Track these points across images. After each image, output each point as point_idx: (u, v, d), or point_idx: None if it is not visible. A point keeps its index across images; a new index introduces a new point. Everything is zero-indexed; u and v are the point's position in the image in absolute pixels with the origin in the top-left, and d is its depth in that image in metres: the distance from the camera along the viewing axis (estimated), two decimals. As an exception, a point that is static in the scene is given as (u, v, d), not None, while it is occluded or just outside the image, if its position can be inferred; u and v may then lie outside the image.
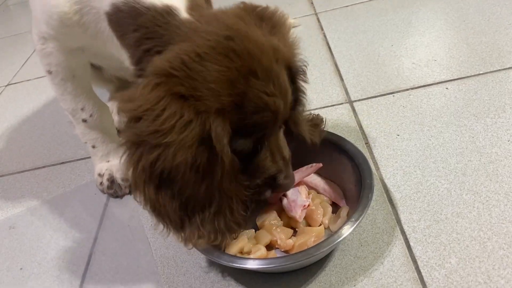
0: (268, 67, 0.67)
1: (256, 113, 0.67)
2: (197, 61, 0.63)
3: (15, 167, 1.29)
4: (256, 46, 0.67)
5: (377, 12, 1.58)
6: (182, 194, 0.68)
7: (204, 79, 0.63)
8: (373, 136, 1.06)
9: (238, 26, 0.68)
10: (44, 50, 0.95)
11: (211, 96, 0.63)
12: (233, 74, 0.64)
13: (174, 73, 0.63)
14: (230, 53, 0.65)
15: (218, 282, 0.83)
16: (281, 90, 0.69)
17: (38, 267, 0.96)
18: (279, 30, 0.74)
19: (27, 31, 2.24)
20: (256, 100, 0.66)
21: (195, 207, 0.70)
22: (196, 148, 0.64)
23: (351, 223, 0.75)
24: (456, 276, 0.74)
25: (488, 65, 1.19)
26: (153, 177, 0.65)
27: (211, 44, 0.65)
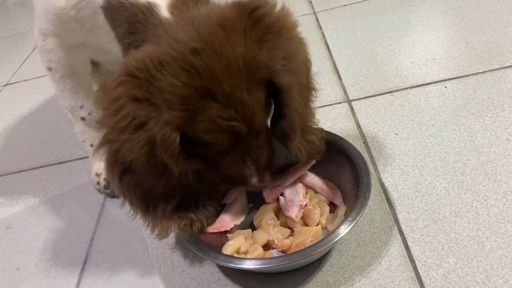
0: (230, 91, 0.65)
1: (209, 133, 0.67)
2: (158, 69, 0.63)
3: (13, 166, 1.29)
4: (223, 66, 0.64)
5: (375, 11, 1.57)
6: (143, 184, 0.70)
7: (160, 88, 0.64)
8: (371, 135, 1.05)
9: (213, 37, 0.65)
10: (44, 47, 0.95)
11: (164, 105, 0.64)
12: (187, 92, 0.64)
13: (136, 75, 0.64)
14: (191, 69, 0.63)
15: (215, 282, 0.82)
16: (244, 115, 0.67)
17: (35, 267, 0.96)
18: (273, 37, 0.69)
19: (26, 31, 2.23)
20: (208, 122, 0.66)
21: (158, 196, 0.72)
22: (148, 149, 0.65)
23: (348, 222, 0.74)
24: (454, 276, 0.74)
25: (487, 63, 1.18)
26: (117, 163, 0.69)
27: (175, 55, 0.64)
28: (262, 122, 0.72)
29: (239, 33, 0.66)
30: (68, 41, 0.94)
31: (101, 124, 0.67)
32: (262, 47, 0.67)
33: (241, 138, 0.70)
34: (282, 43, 0.69)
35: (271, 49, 0.68)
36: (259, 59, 0.67)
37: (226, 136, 0.68)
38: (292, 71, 0.71)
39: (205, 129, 0.66)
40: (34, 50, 1.97)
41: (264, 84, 0.69)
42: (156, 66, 0.63)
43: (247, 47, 0.66)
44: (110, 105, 0.65)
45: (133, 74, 0.64)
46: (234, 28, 0.66)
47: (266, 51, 0.67)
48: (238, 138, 0.69)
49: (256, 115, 0.69)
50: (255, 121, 0.69)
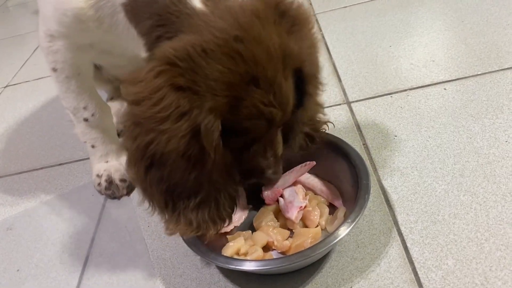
0: (271, 77, 0.67)
1: (250, 119, 0.68)
2: (202, 56, 0.63)
3: (13, 168, 1.29)
4: (265, 52, 0.66)
5: (375, 12, 1.58)
6: (170, 179, 0.69)
7: (205, 75, 0.64)
8: (371, 137, 1.06)
9: (251, 26, 0.66)
10: (51, 48, 0.95)
11: (208, 93, 0.64)
12: (233, 78, 0.64)
13: (177, 63, 0.63)
14: (235, 56, 0.64)
15: (215, 284, 0.83)
16: (281, 101, 0.69)
17: (36, 268, 0.96)
18: (299, 28, 0.72)
19: (27, 32, 2.24)
20: (251, 107, 0.67)
21: (181, 193, 0.71)
22: (189, 139, 0.64)
23: (347, 224, 0.75)
24: (453, 278, 0.74)
25: (486, 65, 1.18)
26: (145, 157, 0.67)
27: (219, 42, 0.64)
28: (291, 109, 0.74)
29: (271, 24, 0.68)
30: (78, 42, 0.94)
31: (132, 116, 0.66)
32: (291, 38, 0.70)
33: (274, 125, 0.72)
34: (305, 34, 0.73)
35: (298, 39, 0.71)
36: (292, 48, 0.69)
37: (264, 122, 0.69)
38: (314, 62, 0.76)
39: (248, 115, 0.67)
40: (35, 52, 1.98)
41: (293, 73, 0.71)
42: (200, 53, 0.63)
43: (280, 36, 0.68)
44: (151, 95, 0.64)
45: (174, 62, 0.63)
46: (267, 19, 0.68)
47: (294, 41, 0.70)
48: (271, 124, 0.71)
49: (289, 102, 0.71)
50: (287, 108, 0.72)
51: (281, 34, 0.68)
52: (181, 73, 0.63)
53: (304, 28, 0.73)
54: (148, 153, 0.67)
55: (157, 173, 0.69)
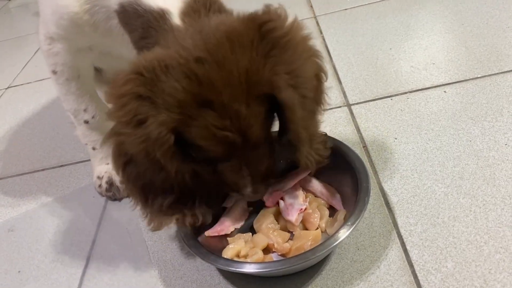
0: (227, 103, 0.66)
1: (204, 139, 0.69)
2: (164, 71, 0.66)
3: (14, 169, 1.30)
4: (224, 77, 0.66)
5: (376, 15, 1.58)
6: (144, 177, 0.73)
7: (162, 89, 0.66)
8: (371, 139, 1.06)
9: (218, 48, 0.66)
10: (50, 50, 0.96)
11: (163, 106, 0.66)
12: (186, 97, 0.66)
13: (143, 73, 0.66)
14: (192, 76, 0.65)
15: (215, 286, 0.83)
16: (240, 127, 0.68)
17: (37, 270, 0.96)
18: (280, 52, 0.68)
19: (28, 34, 2.24)
20: (203, 129, 0.68)
21: (157, 190, 0.75)
22: (147, 146, 0.67)
23: (347, 226, 0.75)
24: (453, 280, 0.74)
25: (486, 68, 1.19)
26: (121, 155, 0.72)
27: (180, 60, 0.65)
28: (259, 135, 0.72)
29: (245, 47, 0.67)
30: (77, 44, 0.95)
31: (109, 116, 0.70)
32: (267, 62, 0.68)
33: (237, 149, 0.71)
34: (287, 58, 0.69)
35: (275, 64, 0.68)
36: (261, 74, 0.68)
37: (221, 145, 0.70)
38: (296, 86, 0.71)
39: (200, 135, 0.68)
40: (36, 53, 1.98)
41: (265, 99, 0.70)
42: (162, 68, 0.65)
43: (251, 61, 0.67)
44: (117, 100, 0.68)
45: (140, 72, 0.66)
46: (241, 41, 0.67)
47: (270, 66, 0.68)
48: (233, 148, 0.71)
49: (252, 128, 0.70)
50: (250, 134, 0.70)
51: (253, 59, 0.67)
52: (144, 83, 0.66)
53: (287, 51, 0.69)
54: (122, 151, 0.71)
55: (134, 170, 0.73)
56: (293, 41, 0.70)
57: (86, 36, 0.90)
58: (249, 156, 0.75)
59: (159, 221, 0.79)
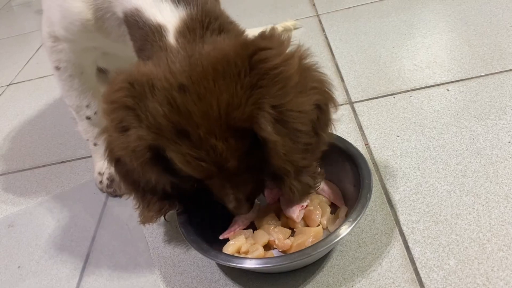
0: (204, 136, 0.65)
1: (181, 164, 0.69)
2: (150, 90, 0.66)
3: (15, 165, 1.30)
4: (203, 110, 0.64)
5: (379, 14, 1.57)
6: (132, 175, 0.77)
7: (146, 107, 0.66)
8: (373, 137, 1.05)
9: (201, 78, 0.64)
10: (54, 48, 0.96)
11: (144, 122, 0.67)
12: (165, 122, 0.66)
13: (134, 85, 0.67)
14: (173, 104, 0.65)
15: (215, 282, 0.82)
16: (216, 159, 0.68)
17: (36, 265, 0.96)
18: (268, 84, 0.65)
19: (30, 32, 2.24)
20: (179, 155, 0.68)
21: (145, 188, 0.79)
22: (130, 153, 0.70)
23: (349, 223, 0.74)
24: (455, 278, 0.74)
25: (489, 67, 1.18)
26: (112, 152, 0.76)
27: (165, 85, 0.65)
28: (237, 167, 0.70)
29: (231, 78, 0.64)
30: (83, 45, 0.95)
31: (103, 116, 0.73)
32: (252, 95, 0.65)
33: (212, 177, 0.73)
34: (276, 91, 0.65)
35: (260, 97, 0.65)
36: (242, 109, 0.65)
37: (197, 172, 0.70)
38: (285, 120, 0.67)
39: (177, 159, 0.69)
40: (38, 51, 1.98)
41: (247, 132, 0.67)
42: (150, 86, 0.66)
43: (234, 94, 0.64)
44: (108, 105, 0.70)
45: (132, 83, 0.67)
46: (227, 72, 0.64)
47: (254, 99, 0.65)
48: (208, 176, 0.72)
49: (229, 163, 0.69)
50: (227, 167, 0.69)
51: (236, 92, 0.64)
52: (133, 95, 0.67)
53: (275, 85, 0.65)
54: (112, 150, 0.75)
55: (124, 167, 0.77)
56: (285, 73, 0.66)
57: (96, 40, 0.91)
58: (230, 179, 0.75)
59: (148, 215, 0.82)
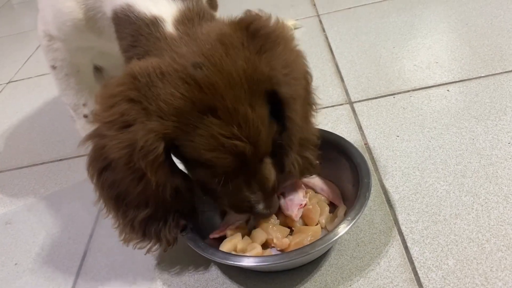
0: (233, 108, 0.63)
1: (211, 151, 0.65)
2: (159, 78, 0.63)
3: (14, 163, 1.29)
4: (225, 80, 0.63)
5: (379, 14, 1.57)
6: (120, 186, 0.69)
7: (157, 95, 0.63)
8: (373, 137, 1.05)
9: (213, 52, 0.64)
10: (50, 46, 0.96)
11: (155, 113, 0.63)
12: (185, 104, 0.62)
13: (138, 78, 0.63)
14: (191, 82, 0.62)
15: (213, 280, 0.82)
16: (249, 133, 0.65)
17: (33, 262, 0.96)
18: (271, 47, 0.67)
19: (30, 30, 2.24)
20: (209, 138, 0.64)
21: (131, 203, 0.71)
22: (129, 152, 0.64)
23: (347, 221, 0.74)
24: (453, 278, 0.73)
25: (490, 67, 1.18)
26: (100, 159, 0.68)
27: (177, 67, 0.63)
28: (267, 142, 0.69)
29: (238, 48, 0.65)
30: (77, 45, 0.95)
31: (94, 118, 0.67)
32: (262, 58, 0.66)
33: (246, 160, 0.67)
34: (280, 52, 0.68)
35: (270, 59, 0.66)
36: (260, 71, 0.66)
37: (230, 157, 0.65)
38: (292, 81, 0.69)
39: (206, 146, 0.64)
40: (38, 49, 1.98)
41: (266, 98, 0.67)
42: (158, 75, 0.63)
43: (247, 60, 0.65)
44: (105, 100, 0.65)
45: (135, 77, 0.64)
46: (232, 43, 0.65)
47: (266, 62, 0.66)
48: (243, 160, 0.67)
49: (260, 134, 0.66)
50: (260, 141, 0.67)
51: (248, 58, 0.65)
52: (137, 88, 0.63)
53: (278, 46, 0.68)
54: (102, 155, 0.67)
55: (110, 177, 0.69)
56: (282, 37, 0.69)
57: (88, 40, 0.90)
58: (258, 168, 0.72)
59: (129, 235, 0.76)
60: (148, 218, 0.73)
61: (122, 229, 0.76)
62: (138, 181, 0.67)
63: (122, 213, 0.74)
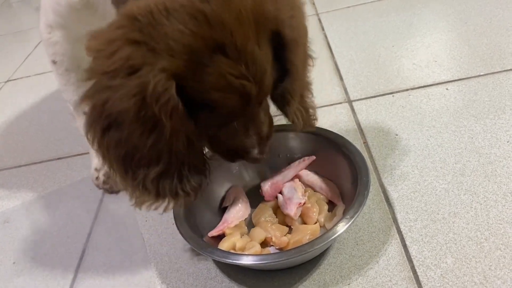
0: (241, 45, 0.60)
1: (218, 91, 0.62)
2: (164, 15, 0.58)
3: (12, 161, 1.29)
4: (234, 15, 0.59)
5: (378, 13, 1.57)
6: (128, 143, 0.63)
7: (164, 33, 0.58)
8: (372, 135, 1.05)
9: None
10: (50, 40, 0.95)
11: (164, 52, 0.58)
12: (195, 41, 0.58)
13: (138, 18, 0.59)
14: (200, 17, 0.58)
15: (212, 279, 0.82)
16: (255, 73, 0.62)
17: (31, 261, 0.95)
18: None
19: (29, 28, 2.24)
20: (218, 77, 0.60)
21: (141, 160, 0.65)
22: (140, 99, 0.59)
23: (346, 220, 0.74)
24: (452, 276, 0.73)
25: (489, 66, 1.18)
26: (102, 117, 0.62)
27: (183, 2, 0.58)
28: (270, 83, 0.67)
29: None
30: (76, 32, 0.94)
31: (91, 72, 0.62)
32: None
33: (250, 101, 0.65)
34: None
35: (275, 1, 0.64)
36: (267, 9, 0.63)
37: (236, 97, 0.63)
38: (296, 25, 0.68)
39: (214, 85, 0.61)
40: (37, 47, 1.97)
41: (270, 38, 0.65)
42: (162, 11, 0.58)
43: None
44: (104, 47, 0.60)
45: (135, 17, 0.59)
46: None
47: (272, 1, 0.63)
48: (247, 100, 0.64)
49: (266, 74, 0.64)
50: (265, 81, 0.65)
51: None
52: (140, 28, 0.58)
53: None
54: (104, 112, 0.61)
55: (115, 135, 0.63)
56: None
57: (83, 21, 0.87)
58: (256, 111, 0.70)
59: (141, 197, 0.70)
60: (160, 175, 0.67)
61: (133, 192, 0.70)
62: (150, 132, 0.62)
63: (131, 175, 0.67)
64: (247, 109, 0.67)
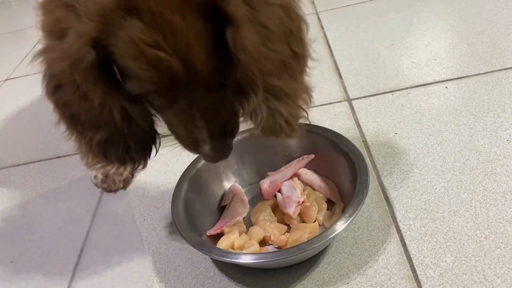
0: (157, 10, 0.53)
1: (133, 60, 0.55)
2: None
3: (10, 160, 1.29)
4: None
5: (378, 12, 1.57)
6: (71, 106, 0.62)
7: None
8: (371, 134, 1.05)
9: None
10: None
11: (84, 14, 0.55)
12: (110, 2, 0.54)
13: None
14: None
15: (210, 278, 0.82)
16: (176, 46, 0.54)
17: (30, 260, 0.95)
18: None
19: (28, 27, 2.23)
20: (129, 43, 0.54)
21: (85, 124, 0.64)
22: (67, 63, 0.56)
23: (345, 218, 0.74)
24: (452, 275, 0.73)
25: (488, 65, 1.17)
26: (51, 78, 0.62)
27: None
28: (205, 63, 0.57)
29: None
30: None
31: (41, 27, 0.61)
32: None
33: (176, 79, 0.57)
34: None
35: None
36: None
37: (154, 71, 0.55)
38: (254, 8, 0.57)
39: (126, 52, 0.55)
40: (36, 46, 1.97)
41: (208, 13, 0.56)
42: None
43: None
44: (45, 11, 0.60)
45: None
46: None
47: None
48: (173, 78, 0.57)
49: (192, 50, 0.55)
50: (192, 58, 0.56)
51: None
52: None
53: None
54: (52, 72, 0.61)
55: (62, 96, 0.62)
56: None
57: None
58: (200, 97, 0.60)
59: (91, 158, 0.68)
60: (105, 142, 0.65)
61: (85, 153, 0.69)
62: (84, 99, 0.60)
63: (80, 135, 0.66)
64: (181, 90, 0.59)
